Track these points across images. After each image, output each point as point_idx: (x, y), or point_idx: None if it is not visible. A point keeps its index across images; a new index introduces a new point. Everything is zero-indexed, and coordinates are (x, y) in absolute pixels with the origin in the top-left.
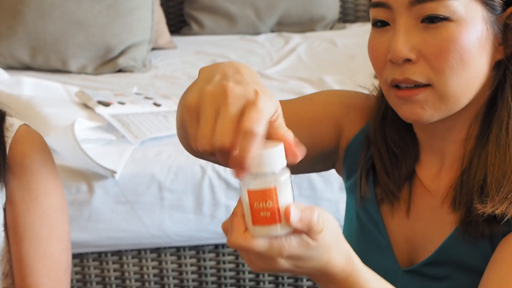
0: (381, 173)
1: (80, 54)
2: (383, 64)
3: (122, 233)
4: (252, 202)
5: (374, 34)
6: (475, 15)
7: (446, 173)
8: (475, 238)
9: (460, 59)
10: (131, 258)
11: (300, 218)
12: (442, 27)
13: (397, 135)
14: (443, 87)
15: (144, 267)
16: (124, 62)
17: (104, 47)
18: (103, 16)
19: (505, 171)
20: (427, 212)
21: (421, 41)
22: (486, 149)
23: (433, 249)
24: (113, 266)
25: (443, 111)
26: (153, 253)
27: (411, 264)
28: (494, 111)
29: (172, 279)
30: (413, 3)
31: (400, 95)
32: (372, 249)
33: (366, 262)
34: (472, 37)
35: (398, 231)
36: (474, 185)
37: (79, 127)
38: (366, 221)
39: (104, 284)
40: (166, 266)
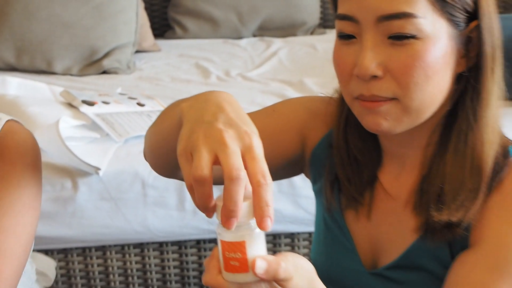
0: (342, 180)
1: (65, 56)
2: (349, 77)
3: (106, 229)
4: (224, 251)
5: (339, 45)
6: (441, 31)
7: (407, 178)
8: (436, 243)
9: (425, 75)
10: (114, 253)
11: (265, 270)
12: (409, 44)
13: (359, 141)
14: (407, 101)
15: (128, 262)
16: (109, 64)
17: (89, 48)
18: (88, 18)
19: (462, 180)
20: (390, 216)
21: (387, 58)
22: (444, 158)
23: (396, 253)
24: (97, 261)
25: (405, 124)
26: (136, 249)
27: (376, 267)
28: (454, 122)
29: (155, 274)
30: (380, 20)
31: (365, 105)
32: (338, 252)
33: (333, 263)
34: (437, 53)
35: (362, 235)
36: (432, 192)
37: (64, 125)
38: (331, 225)
39: (88, 279)
40: (149, 261)
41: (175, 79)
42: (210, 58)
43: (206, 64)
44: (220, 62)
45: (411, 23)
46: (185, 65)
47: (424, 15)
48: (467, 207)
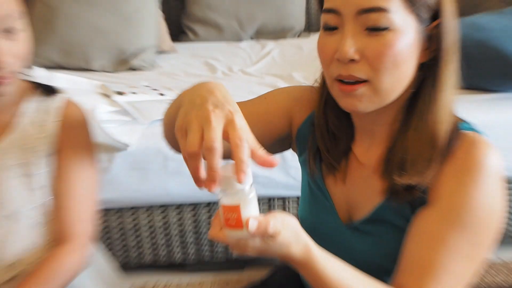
0: (323, 151)
1: (100, 56)
2: (330, 61)
3: (136, 193)
4: (224, 212)
5: (323, 35)
6: (409, 26)
7: (375, 150)
8: (399, 202)
9: (394, 61)
10: (143, 213)
11: (256, 227)
12: (382, 35)
13: (336, 119)
14: (378, 83)
15: (154, 220)
16: (136, 62)
17: (119, 50)
18: (118, 26)
19: (420, 151)
20: (361, 181)
21: (364, 45)
22: (406, 133)
23: (367, 210)
24: (129, 218)
25: (376, 104)
26: (160, 209)
27: (351, 221)
28: (416, 104)
29: (175, 230)
30: (360, 13)
31: (343, 89)
32: (321, 210)
33: (317, 219)
34: (405, 44)
35: (339, 196)
36: (396, 161)
37: (101, 110)
38: (315, 189)
39: (123, 233)
40: (170, 219)
41: (188, 74)
42: (216, 57)
43: (213, 62)
44: (224, 60)
45: (385, 17)
46: (196, 63)
47: (396, 11)
48: (424, 173)
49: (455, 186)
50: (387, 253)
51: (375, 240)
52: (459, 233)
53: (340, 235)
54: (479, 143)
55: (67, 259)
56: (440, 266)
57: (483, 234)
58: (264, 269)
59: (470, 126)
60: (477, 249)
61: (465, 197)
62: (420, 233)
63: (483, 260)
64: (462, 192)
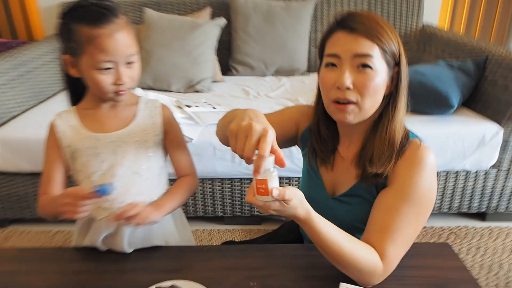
0: (317, 150)
1: (177, 82)
2: (330, 88)
3: None
4: (256, 184)
5: (326, 71)
6: (382, 68)
7: (353, 149)
8: (368, 184)
9: (373, 90)
10: (199, 182)
11: (278, 194)
12: (367, 72)
13: (326, 129)
14: (362, 104)
15: (205, 187)
16: (199, 87)
17: (189, 79)
18: (188, 64)
19: (383, 151)
20: (343, 169)
21: (355, 78)
22: (374, 138)
23: (346, 188)
24: None
25: (359, 118)
26: (209, 181)
27: (334, 195)
28: (380, 120)
29: (218, 194)
30: (354, 56)
31: (339, 107)
32: (314, 186)
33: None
34: (379, 80)
35: (328, 178)
36: (367, 157)
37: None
38: (311, 172)
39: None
40: (215, 188)
41: (231, 95)
42: (249, 86)
43: (247, 88)
44: (255, 88)
45: (369, 60)
46: (236, 89)
47: (377, 57)
48: (386, 165)
49: (406, 174)
50: (358, 217)
51: (351, 208)
52: (408, 205)
53: (327, 203)
54: (421, 146)
55: (191, 181)
56: (395, 228)
57: (424, 206)
58: (274, 224)
59: (415, 135)
60: (420, 217)
61: (412, 181)
62: (381, 205)
63: (422, 227)
64: (411, 178)
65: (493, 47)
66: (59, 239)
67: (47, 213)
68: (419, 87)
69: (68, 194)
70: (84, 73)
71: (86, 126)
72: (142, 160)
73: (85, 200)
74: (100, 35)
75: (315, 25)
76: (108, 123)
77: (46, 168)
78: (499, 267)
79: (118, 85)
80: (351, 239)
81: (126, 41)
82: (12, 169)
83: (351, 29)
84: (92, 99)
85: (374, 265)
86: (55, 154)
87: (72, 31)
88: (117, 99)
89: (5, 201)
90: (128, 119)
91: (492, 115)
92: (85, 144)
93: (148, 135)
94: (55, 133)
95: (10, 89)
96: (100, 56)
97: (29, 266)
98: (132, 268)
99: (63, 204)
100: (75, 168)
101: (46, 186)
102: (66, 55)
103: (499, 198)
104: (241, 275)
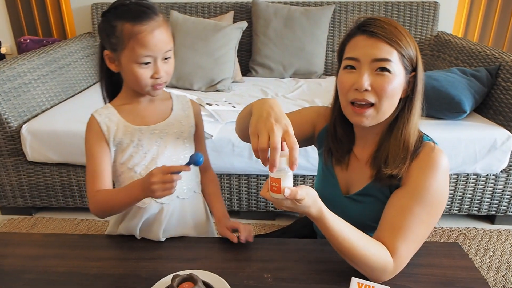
0: (333, 150)
1: (198, 81)
2: (348, 90)
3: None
4: (270, 182)
5: (344, 73)
6: (400, 72)
7: (368, 151)
8: (382, 185)
9: (391, 93)
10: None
11: (289, 194)
12: (385, 75)
13: (342, 130)
14: (380, 106)
15: (222, 182)
16: (220, 86)
17: (210, 79)
18: (210, 64)
19: (397, 153)
20: (357, 169)
21: (373, 81)
22: (389, 140)
23: (359, 187)
24: None
25: (375, 121)
26: (227, 176)
27: (348, 194)
28: (396, 123)
29: (235, 190)
30: (373, 61)
31: (355, 111)
32: (329, 185)
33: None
34: (397, 83)
35: (342, 177)
36: (381, 158)
37: None
38: (326, 172)
39: None
40: (233, 183)
41: (250, 95)
42: (268, 87)
43: (266, 89)
44: (273, 89)
45: (388, 64)
46: (255, 89)
47: (395, 61)
48: (400, 167)
49: (420, 175)
50: (371, 216)
51: (364, 207)
52: (420, 206)
53: (341, 202)
54: (435, 149)
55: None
56: (407, 227)
57: (435, 207)
58: (288, 220)
59: (430, 138)
60: (432, 217)
61: (426, 183)
62: (394, 205)
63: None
64: (424, 180)
65: (506, 56)
66: (83, 227)
67: (109, 208)
68: (432, 92)
69: (159, 172)
70: (123, 67)
71: (128, 120)
72: (180, 150)
73: (176, 174)
74: (142, 31)
75: (333, 30)
76: (148, 116)
77: (93, 165)
78: (507, 268)
79: (155, 78)
80: (362, 236)
81: (165, 38)
82: (41, 159)
83: (371, 34)
84: (128, 94)
85: (385, 262)
86: (100, 148)
87: (114, 28)
88: (153, 93)
89: (33, 189)
90: (166, 112)
91: (503, 122)
92: (130, 137)
93: (184, 126)
94: (98, 128)
95: (42, 84)
96: (141, 51)
97: (52, 251)
98: (151, 257)
99: (152, 183)
100: (118, 161)
101: (97, 182)
102: (107, 50)
103: (509, 201)
104: (255, 267)
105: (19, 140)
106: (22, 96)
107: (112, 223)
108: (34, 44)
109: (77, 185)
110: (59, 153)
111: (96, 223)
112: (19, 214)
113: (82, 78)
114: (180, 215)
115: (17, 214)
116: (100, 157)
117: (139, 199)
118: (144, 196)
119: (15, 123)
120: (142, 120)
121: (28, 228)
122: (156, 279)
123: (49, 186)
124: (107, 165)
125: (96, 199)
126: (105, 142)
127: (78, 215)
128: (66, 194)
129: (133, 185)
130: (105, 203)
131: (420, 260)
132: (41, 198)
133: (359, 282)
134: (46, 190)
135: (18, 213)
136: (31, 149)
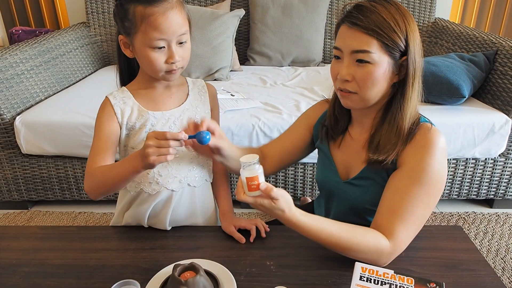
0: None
1: (196, 71)
2: (335, 78)
3: None
4: (247, 181)
5: (334, 62)
6: (384, 61)
7: (364, 134)
8: (377, 168)
9: (372, 83)
10: None
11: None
12: (366, 66)
13: (340, 109)
14: (362, 95)
15: None
16: (218, 75)
17: (208, 68)
18: (208, 53)
19: (389, 138)
20: (354, 153)
21: (354, 72)
22: (382, 126)
23: (357, 171)
24: None
25: (361, 105)
26: None
27: (347, 178)
28: (389, 108)
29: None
30: (353, 52)
31: (342, 94)
32: (328, 172)
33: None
34: (379, 72)
35: (340, 162)
36: (374, 143)
37: None
38: (325, 159)
39: None
40: None
41: (249, 84)
42: (266, 75)
43: (264, 78)
44: (272, 77)
45: (367, 55)
46: (254, 78)
47: (375, 52)
48: (388, 153)
49: (416, 156)
50: (371, 200)
51: (363, 190)
52: (419, 186)
53: (340, 187)
54: (432, 129)
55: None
56: (404, 209)
57: (434, 187)
58: None
59: (426, 119)
60: (431, 198)
61: (423, 163)
62: (392, 187)
63: (433, 208)
64: (421, 160)
65: (503, 40)
66: (81, 220)
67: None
68: (431, 78)
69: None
70: (137, 52)
71: (142, 105)
72: None
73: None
74: (154, 13)
75: (331, 18)
76: (163, 102)
77: (98, 141)
78: (505, 251)
79: (170, 63)
80: (346, 227)
81: (179, 20)
82: (36, 152)
83: (351, 24)
84: (144, 79)
85: (378, 245)
86: (109, 128)
87: (127, 11)
88: (168, 78)
89: (29, 183)
90: (182, 98)
91: (501, 106)
92: (143, 122)
93: (199, 112)
94: (111, 110)
95: (35, 75)
96: (153, 34)
97: (49, 243)
98: (151, 247)
99: (147, 146)
100: (130, 145)
101: (98, 158)
102: (121, 35)
103: (507, 185)
104: (258, 255)
105: (13, 133)
106: (15, 87)
107: (117, 213)
108: (26, 35)
109: (74, 178)
110: (55, 145)
111: (94, 216)
112: (15, 208)
113: (77, 69)
114: (190, 204)
115: (12, 209)
116: (107, 135)
117: (136, 171)
118: (141, 165)
119: (8, 115)
120: (157, 105)
121: (25, 222)
122: (157, 269)
123: (45, 179)
124: (112, 145)
125: (91, 173)
126: (116, 123)
127: (75, 208)
128: (63, 187)
129: (132, 155)
130: (100, 176)
131: (423, 243)
132: (37, 191)
133: (363, 266)
134: (42, 183)
135: (13, 207)
136: (26, 142)
